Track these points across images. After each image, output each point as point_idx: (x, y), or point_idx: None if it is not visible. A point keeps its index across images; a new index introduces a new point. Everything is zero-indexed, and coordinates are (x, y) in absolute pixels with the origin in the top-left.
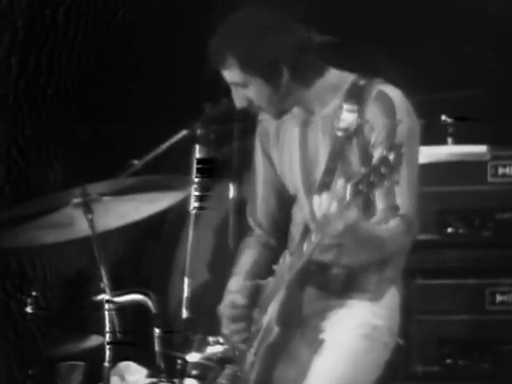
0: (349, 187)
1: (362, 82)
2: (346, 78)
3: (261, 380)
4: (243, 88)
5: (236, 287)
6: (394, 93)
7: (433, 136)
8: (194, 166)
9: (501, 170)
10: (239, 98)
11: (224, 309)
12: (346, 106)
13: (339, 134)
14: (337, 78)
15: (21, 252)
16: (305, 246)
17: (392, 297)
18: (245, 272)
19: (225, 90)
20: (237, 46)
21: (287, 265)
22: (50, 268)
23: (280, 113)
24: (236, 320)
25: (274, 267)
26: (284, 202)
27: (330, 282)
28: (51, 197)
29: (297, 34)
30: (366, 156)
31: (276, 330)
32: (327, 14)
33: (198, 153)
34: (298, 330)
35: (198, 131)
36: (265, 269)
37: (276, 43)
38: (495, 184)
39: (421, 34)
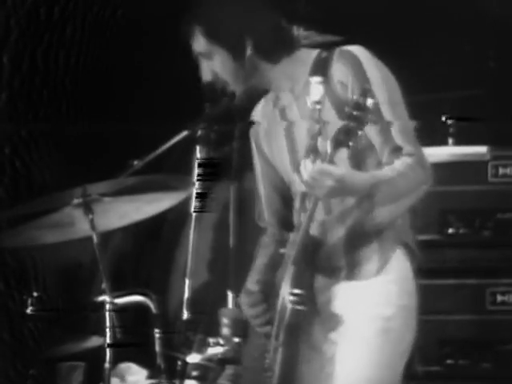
0: (329, 142)
1: (324, 54)
2: (312, 53)
3: (286, 365)
4: (208, 59)
5: (253, 280)
6: (355, 48)
7: (433, 136)
8: (195, 166)
9: (501, 171)
10: (205, 71)
11: (242, 298)
12: (313, 79)
13: (313, 107)
14: (303, 54)
15: (21, 252)
16: (301, 216)
17: (400, 262)
18: (262, 267)
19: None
20: (203, 14)
21: (291, 242)
22: (50, 268)
23: (247, 90)
24: (253, 305)
25: (282, 250)
26: (287, 199)
27: (330, 260)
28: (52, 197)
29: (267, 11)
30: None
31: (290, 307)
32: (326, 13)
33: (198, 153)
34: (316, 312)
35: (199, 131)
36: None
37: (243, 16)
38: (496, 184)
39: (421, 33)
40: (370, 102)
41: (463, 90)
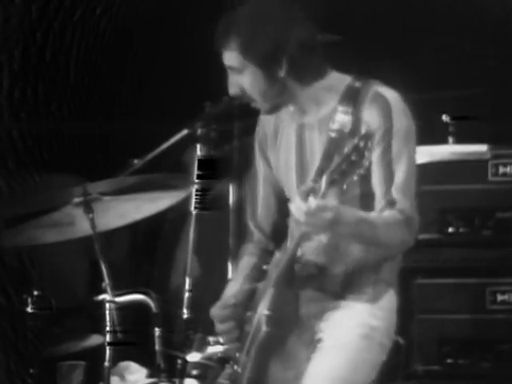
0: (324, 178)
1: (357, 84)
2: (343, 80)
3: (254, 380)
4: (238, 74)
5: (231, 292)
6: (390, 94)
7: (433, 135)
8: (195, 165)
9: (501, 169)
10: (233, 85)
11: (214, 310)
12: (340, 108)
13: (333, 135)
14: (334, 79)
15: (22, 251)
16: (288, 241)
17: (389, 299)
18: (242, 277)
19: (225, 88)
20: (240, 29)
21: (274, 263)
22: (51, 267)
23: (272, 108)
24: (224, 320)
25: (265, 267)
26: (284, 205)
27: (328, 284)
28: (52, 196)
29: (305, 32)
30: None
31: (264, 329)
32: (328, 13)
33: (198, 152)
34: (294, 330)
35: (199, 130)
36: (263, 273)
37: (281, 35)
38: (496, 183)
39: (421, 33)
40: (369, 147)
41: (463, 89)
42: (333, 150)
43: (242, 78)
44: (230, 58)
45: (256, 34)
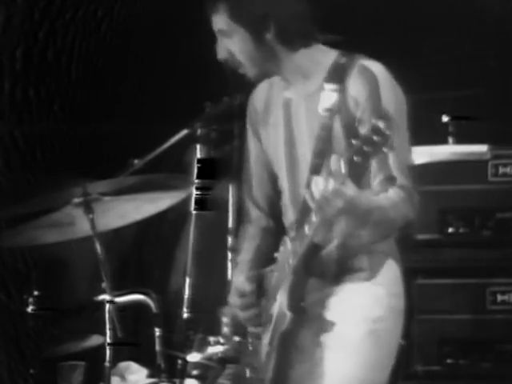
0: (343, 161)
1: (343, 60)
2: (329, 55)
3: (279, 369)
4: (227, 38)
5: (241, 278)
6: (375, 66)
7: (433, 135)
8: (195, 165)
9: (501, 170)
10: (222, 49)
11: (233, 299)
12: (327, 86)
13: (323, 114)
14: (320, 52)
15: (22, 251)
16: (306, 227)
17: (390, 269)
18: (248, 262)
19: (225, 89)
20: None
21: (290, 250)
22: (51, 268)
23: (260, 74)
24: (246, 308)
25: (276, 255)
26: (276, 185)
27: (323, 265)
28: (52, 196)
29: (295, 3)
30: (351, 132)
31: (288, 316)
32: (327, 12)
33: (198, 152)
34: (305, 319)
35: (199, 130)
36: (267, 256)
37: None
38: (496, 183)
39: (421, 33)
40: (388, 126)
41: (463, 89)
42: (326, 130)
43: (231, 42)
44: (219, 21)
45: None
